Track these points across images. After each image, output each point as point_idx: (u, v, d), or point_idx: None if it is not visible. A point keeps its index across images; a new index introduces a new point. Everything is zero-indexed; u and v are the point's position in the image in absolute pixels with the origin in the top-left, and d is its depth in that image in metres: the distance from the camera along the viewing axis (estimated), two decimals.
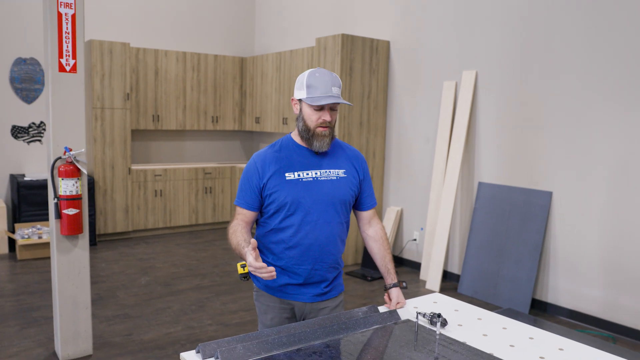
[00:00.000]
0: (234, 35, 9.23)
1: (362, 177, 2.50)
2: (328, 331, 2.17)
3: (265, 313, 2.45)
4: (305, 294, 2.41)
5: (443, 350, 2.08)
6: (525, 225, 5.31)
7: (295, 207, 2.31)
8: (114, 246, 7.25)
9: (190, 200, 8.22)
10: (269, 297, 2.44)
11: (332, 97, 2.24)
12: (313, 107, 2.27)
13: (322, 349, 2.04)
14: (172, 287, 5.64)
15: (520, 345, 2.19)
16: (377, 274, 6.17)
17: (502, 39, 5.49)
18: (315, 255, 2.36)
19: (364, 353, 2.06)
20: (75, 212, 3.76)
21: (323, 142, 2.31)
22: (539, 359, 2.06)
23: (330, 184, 2.36)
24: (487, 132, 5.68)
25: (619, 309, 4.72)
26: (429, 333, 2.24)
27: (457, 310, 2.59)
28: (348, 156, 2.47)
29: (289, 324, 2.23)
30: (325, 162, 2.39)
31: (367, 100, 6.52)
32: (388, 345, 2.12)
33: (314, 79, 2.26)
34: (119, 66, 7.39)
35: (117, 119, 7.45)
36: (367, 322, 2.30)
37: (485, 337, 2.26)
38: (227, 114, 8.76)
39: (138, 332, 4.46)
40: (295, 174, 2.33)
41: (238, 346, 1.97)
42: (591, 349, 2.18)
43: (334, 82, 2.27)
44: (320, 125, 2.29)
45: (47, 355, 4.01)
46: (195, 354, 1.99)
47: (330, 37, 6.34)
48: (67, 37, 3.74)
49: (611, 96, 4.67)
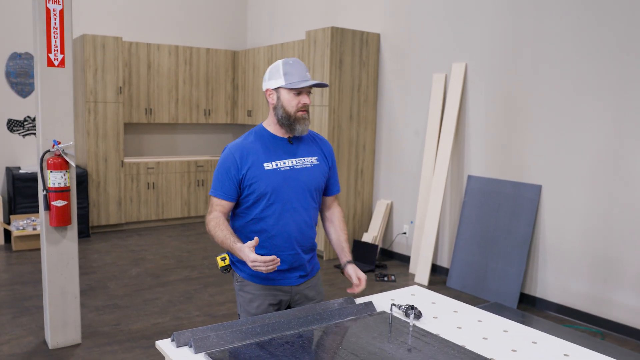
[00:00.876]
0: (226, 28, 9.24)
1: (331, 164, 2.62)
2: (302, 322, 2.22)
3: (251, 302, 2.49)
4: (290, 277, 2.49)
5: (415, 341, 2.12)
6: (514, 218, 5.35)
7: (275, 196, 2.39)
8: (107, 238, 7.29)
9: (183, 193, 8.25)
10: (254, 285, 2.48)
11: (310, 80, 2.39)
12: (293, 92, 2.37)
13: (295, 339, 2.09)
14: (161, 278, 5.69)
15: (494, 337, 2.23)
16: (366, 267, 6.22)
17: (492, 32, 5.51)
18: (297, 241, 2.46)
19: (336, 344, 2.10)
20: (63, 204, 3.80)
21: (305, 125, 2.42)
22: (511, 352, 2.10)
23: (306, 171, 2.46)
24: (476, 125, 5.71)
25: (608, 304, 4.73)
26: (404, 325, 2.28)
27: (434, 302, 2.63)
28: (318, 144, 2.58)
29: (264, 314, 2.28)
30: (300, 151, 2.49)
31: (357, 93, 6.55)
32: (361, 336, 2.16)
33: (290, 66, 2.38)
34: (111, 60, 7.41)
35: (110, 113, 7.47)
36: (342, 313, 2.35)
37: (459, 330, 2.30)
38: (219, 107, 8.78)
39: (126, 322, 4.51)
40: (273, 164, 2.40)
41: (211, 335, 2.02)
42: (564, 342, 2.21)
43: (306, 69, 2.41)
44: (301, 109, 2.39)
45: (38, 343, 4.07)
46: (170, 342, 2.04)
47: (320, 30, 6.36)
48: (55, 32, 3.77)
49: (600, 89, 4.70)
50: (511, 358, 2.04)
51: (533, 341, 2.21)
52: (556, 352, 2.12)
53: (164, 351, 2.00)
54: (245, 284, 2.51)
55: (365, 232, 6.78)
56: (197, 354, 1.94)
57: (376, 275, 5.95)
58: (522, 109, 5.28)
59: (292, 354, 1.96)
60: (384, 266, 6.33)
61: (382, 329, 2.23)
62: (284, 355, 1.94)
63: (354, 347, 2.06)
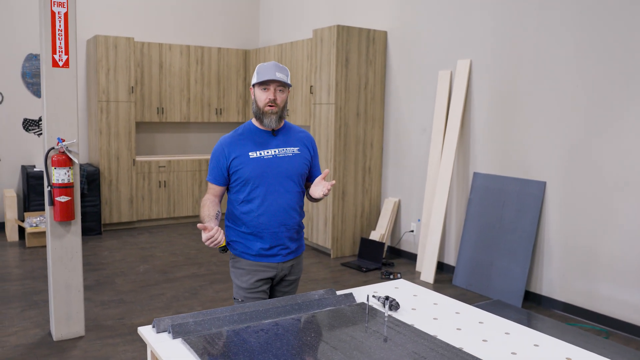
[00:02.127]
0: (237, 28, 9.39)
1: (313, 154, 2.95)
2: (280, 311, 2.33)
3: (242, 275, 2.84)
4: (277, 254, 2.83)
5: (389, 331, 2.21)
6: (519, 215, 5.38)
7: (259, 181, 2.76)
8: (118, 235, 7.49)
9: (194, 191, 8.42)
10: (245, 261, 2.84)
11: (273, 77, 2.69)
12: (261, 89, 2.74)
13: (270, 327, 2.20)
14: (168, 274, 5.84)
15: (468, 328, 2.31)
16: (373, 265, 6.31)
17: (497, 28, 5.56)
18: (280, 219, 2.79)
19: (310, 332, 2.20)
20: (67, 200, 3.97)
21: (271, 119, 2.76)
22: (482, 342, 2.18)
23: (287, 159, 2.81)
24: (481, 122, 5.76)
25: (613, 302, 4.74)
26: (381, 316, 2.37)
27: (415, 295, 2.73)
28: (300, 137, 2.92)
29: (243, 303, 2.40)
30: (282, 142, 2.84)
31: (364, 91, 6.65)
32: (336, 325, 2.26)
33: (263, 68, 2.74)
34: (123, 60, 7.60)
35: (122, 112, 7.67)
36: (321, 304, 2.46)
37: (434, 321, 2.38)
38: (231, 106, 8.94)
39: (130, 316, 4.67)
40: (257, 153, 2.77)
41: (190, 321, 2.14)
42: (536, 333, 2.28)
43: (278, 69, 2.72)
44: (268, 104, 2.72)
45: (43, 335, 4.25)
46: (151, 328, 2.17)
47: (327, 29, 6.47)
48: (60, 34, 3.95)
49: (606, 85, 4.72)
50: (481, 347, 2.12)
51: (506, 332, 2.29)
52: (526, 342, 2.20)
53: (144, 336, 2.13)
54: (237, 260, 2.87)
55: (373, 230, 6.87)
56: (174, 340, 2.07)
57: (382, 274, 6.03)
58: (526, 105, 5.32)
59: (265, 341, 2.07)
60: (390, 264, 6.41)
61: (358, 319, 2.33)
62: (256, 342, 2.05)
63: (327, 335, 2.16)
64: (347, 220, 6.75)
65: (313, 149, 2.96)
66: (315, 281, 5.76)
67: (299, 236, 2.94)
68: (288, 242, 2.85)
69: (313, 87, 6.78)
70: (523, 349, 2.13)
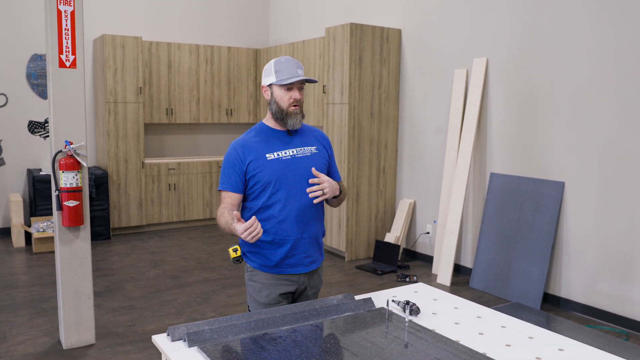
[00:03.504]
0: (247, 26, 9.39)
1: (330, 154, 2.85)
2: (298, 317, 2.31)
3: (261, 290, 2.69)
4: (300, 264, 2.70)
5: (410, 337, 2.19)
6: (537, 216, 5.35)
7: (280, 184, 2.62)
8: (127, 240, 7.50)
9: (205, 194, 8.42)
10: (264, 274, 2.69)
11: (299, 76, 2.58)
12: (284, 89, 2.60)
13: (288, 333, 2.18)
14: (179, 280, 5.84)
15: (491, 333, 2.28)
16: (388, 268, 6.28)
17: (513, 26, 5.52)
18: (303, 224, 2.67)
19: (329, 339, 2.18)
20: (75, 204, 3.97)
21: (296, 120, 2.64)
22: (506, 347, 2.16)
23: (306, 159, 2.69)
24: (498, 121, 5.73)
25: (633, 304, 4.71)
26: (401, 321, 2.35)
27: (435, 299, 2.70)
28: (316, 136, 2.82)
29: (260, 310, 2.38)
30: (299, 141, 2.73)
31: (377, 91, 6.62)
32: (355, 331, 2.24)
33: (281, 64, 2.61)
34: (131, 60, 7.62)
35: (130, 113, 7.68)
36: (340, 309, 2.43)
37: (456, 326, 2.36)
38: (241, 106, 8.94)
39: (141, 323, 4.67)
40: (275, 154, 2.64)
41: (206, 329, 2.12)
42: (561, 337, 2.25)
43: (298, 65, 2.62)
44: (292, 104, 2.61)
45: (52, 343, 4.25)
46: (165, 336, 2.15)
47: (339, 27, 6.45)
48: (67, 33, 3.94)
49: (624, 83, 4.68)
50: (505, 352, 2.10)
51: (529, 336, 2.26)
52: (552, 346, 2.17)
53: (159, 345, 2.11)
54: (255, 274, 2.72)
55: (388, 232, 6.84)
56: (190, 348, 2.05)
57: (398, 276, 6.00)
58: (544, 104, 5.28)
59: (283, 348, 2.05)
60: (406, 267, 6.38)
61: (378, 324, 2.30)
62: (274, 350, 2.03)
63: (347, 341, 2.14)
64: (361, 222, 6.72)
65: (329, 147, 2.86)
66: (330, 284, 5.74)
67: (321, 244, 2.82)
68: (311, 250, 2.72)
69: (326, 87, 6.76)
70: (548, 354, 2.10)
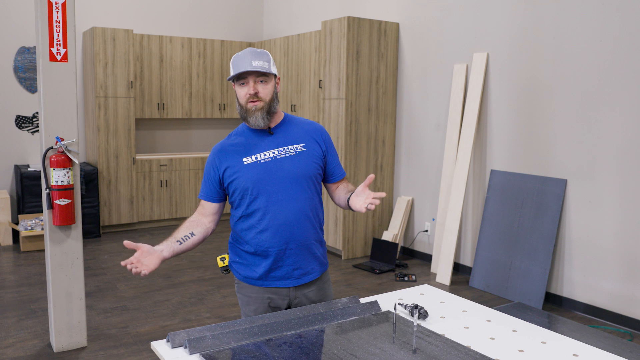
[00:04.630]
0: (241, 19, 9.31)
1: (325, 148, 2.56)
2: (302, 322, 2.25)
3: (248, 305, 2.52)
4: (286, 278, 2.47)
5: (419, 342, 2.13)
6: (538, 214, 5.32)
7: (257, 190, 2.40)
8: (118, 238, 7.42)
9: (197, 191, 8.32)
10: (250, 287, 2.50)
11: (245, 68, 2.33)
12: (239, 84, 2.39)
13: (293, 339, 2.12)
14: (173, 279, 5.78)
15: (502, 337, 2.23)
16: (386, 266, 6.24)
17: (514, 20, 5.47)
18: (287, 235, 2.42)
19: (336, 344, 2.12)
20: (67, 203, 3.89)
21: (257, 117, 2.39)
22: (519, 352, 2.11)
23: (290, 160, 2.44)
24: (499, 117, 5.69)
25: (638, 303, 4.70)
26: (409, 325, 2.29)
27: (443, 302, 2.65)
28: (305, 130, 2.54)
29: (263, 314, 2.32)
30: (282, 140, 2.47)
31: (375, 86, 6.56)
32: (363, 336, 2.18)
33: (237, 58, 2.39)
34: (122, 54, 7.53)
35: (121, 108, 7.59)
36: (345, 313, 2.37)
37: (466, 330, 2.31)
38: (234, 101, 8.77)
39: (134, 324, 4.60)
40: (252, 157, 2.42)
41: (207, 335, 2.06)
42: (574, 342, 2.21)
43: (254, 57, 2.36)
44: (249, 100, 2.38)
45: (42, 346, 4.17)
46: (165, 343, 2.09)
47: (336, 20, 6.39)
48: (58, 26, 3.86)
49: (627, 77, 4.65)
50: (518, 358, 2.05)
51: (542, 341, 2.21)
52: (566, 352, 2.12)
53: (158, 352, 2.05)
54: (242, 286, 2.54)
55: (386, 230, 6.79)
56: (192, 355, 1.99)
57: (396, 275, 5.96)
58: (546, 99, 5.24)
59: (289, 355, 1.99)
60: (404, 265, 6.34)
61: (386, 329, 2.25)
62: (280, 357, 1.97)
63: (354, 347, 2.08)
64: (358, 220, 6.67)
65: (324, 141, 2.55)
66: None
67: (317, 253, 2.54)
68: (302, 262, 2.47)
69: (322, 82, 6.69)
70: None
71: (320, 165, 2.53)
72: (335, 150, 2.68)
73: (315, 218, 2.52)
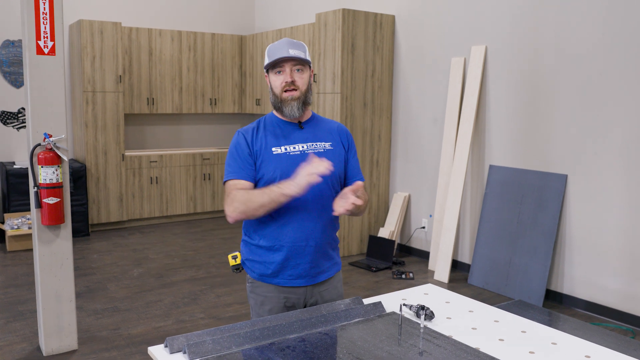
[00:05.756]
0: (232, 12, 9.22)
1: (347, 149, 2.57)
2: (305, 324, 2.20)
3: (262, 304, 2.50)
4: (303, 277, 2.47)
5: (426, 344, 2.09)
6: (539, 210, 5.30)
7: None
8: (107, 236, 7.34)
9: (188, 188, 8.28)
10: (266, 286, 2.48)
11: (285, 54, 2.34)
12: (274, 72, 2.39)
13: (297, 343, 2.07)
14: (165, 279, 5.71)
15: (511, 339, 2.20)
16: (383, 264, 6.20)
17: (513, 12, 5.44)
18: (308, 232, 2.42)
19: (341, 348, 2.08)
20: (56, 201, 3.82)
21: (292, 107, 2.39)
22: (529, 354, 2.07)
23: (318, 156, 2.38)
24: (497, 112, 5.65)
25: (637, 300, 4.69)
26: (414, 326, 2.25)
27: (448, 302, 2.60)
28: (332, 129, 2.56)
29: (264, 317, 2.27)
30: (311, 135, 2.48)
31: (370, 79, 6.51)
32: (368, 339, 2.13)
33: (273, 47, 2.41)
34: (110, 47, 7.44)
35: (109, 103, 7.50)
36: (349, 314, 2.32)
37: (473, 331, 2.27)
38: (226, 96, 8.80)
39: (126, 326, 4.53)
40: (282, 148, 2.41)
41: (207, 340, 2.00)
42: (586, 343, 2.18)
43: (291, 45, 2.37)
44: (285, 89, 2.38)
45: (31, 350, 4.10)
46: (163, 348, 2.03)
47: (331, 13, 6.33)
48: (45, 17, 3.78)
49: (629, 71, 4.63)
50: None
51: (553, 342, 2.18)
52: (577, 353, 2.09)
53: (156, 358, 1.99)
54: (256, 285, 2.51)
55: (382, 227, 6.75)
56: None
57: (393, 273, 5.93)
58: (545, 93, 5.21)
59: (292, 359, 1.94)
60: (401, 263, 6.31)
61: (391, 331, 2.21)
62: None
63: (360, 351, 2.04)
64: (353, 216, 6.62)
65: (348, 142, 2.57)
66: None
67: (332, 253, 2.57)
68: (320, 260, 2.49)
69: (316, 76, 6.63)
70: None
71: (343, 165, 2.55)
72: (357, 154, 2.68)
73: (335, 218, 2.53)
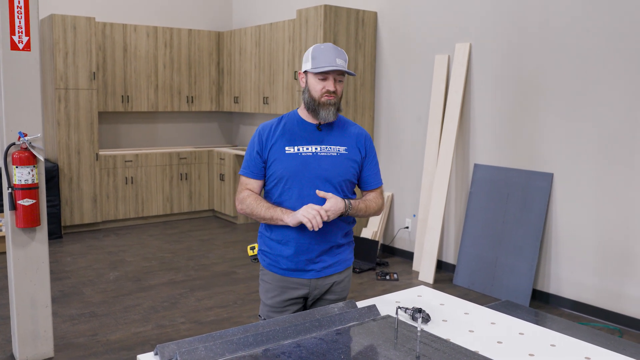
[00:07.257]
0: (209, 7, 9.17)
1: (365, 154, 2.68)
2: (299, 329, 2.17)
3: (267, 291, 2.67)
4: (310, 269, 2.61)
5: (424, 348, 2.08)
6: (524, 210, 5.32)
7: (293, 181, 2.55)
8: (81, 238, 7.23)
9: (164, 188, 8.21)
10: (272, 275, 2.65)
11: (336, 66, 2.48)
12: (317, 77, 2.52)
13: (292, 349, 2.04)
14: (143, 282, 5.64)
15: (509, 341, 2.20)
16: (366, 265, 6.19)
17: (498, 9, 5.46)
18: (314, 231, 2.51)
19: (337, 353, 2.05)
20: (31, 203, 3.73)
21: (329, 112, 2.53)
22: (529, 356, 2.07)
23: (329, 159, 2.58)
24: (482, 110, 5.67)
25: (626, 299, 4.74)
26: (410, 330, 2.24)
27: (442, 304, 2.60)
28: (352, 133, 2.68)
29: (257, 322, 2.24)
30: (327, 138, 2.61)
31: (352, 77, 6.50)
32: (364, 343, 2.12)
33: (319, 51, 2.52)
34: (83, 43, 7.33)
35: (82, 101, 7.39)
36: (343, 318, 2.30)
37: (471, 334, 2.26)
38: (203, 93, 8.73)
39: (104, 332, 4.46)
40: (294, 148, 2.56)
41: (199, 347, 1.96)
42: (585, 344, 2.19)
43: (338, 55, 2.51)
44: (325, 94, 2.51)
45: (5, 358, 4.01)
46: (153, 356, 1.98)
47: (312, 9, 6.30)
48: (20, 11, 3.70)
49: (614, 71, 4.67)
50: None
51: (551, 344, 2.18)
52: (577, 355, 2.09)
53: None
54: (265, 273, 2.70)
55: (365, 228, 6.74)
56: None
57: (377, 274, 5.92)
58: (531, 92, 5.24)
59: None
60: (385, 264, 6.30)
61: (387, 334, 2.19)
62: None
63: (357, 356, 2.02)
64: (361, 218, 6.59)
65: (366, 148, 2.68)
66: None
67: (341, 249, 2.70)
68: (327, 255, 2.62)
69: (296, 73, 6.60)
70: None
71: (357, 170, 2.66)
72: (377, 158, 2.79)
73: (343, 219, 2.64)
